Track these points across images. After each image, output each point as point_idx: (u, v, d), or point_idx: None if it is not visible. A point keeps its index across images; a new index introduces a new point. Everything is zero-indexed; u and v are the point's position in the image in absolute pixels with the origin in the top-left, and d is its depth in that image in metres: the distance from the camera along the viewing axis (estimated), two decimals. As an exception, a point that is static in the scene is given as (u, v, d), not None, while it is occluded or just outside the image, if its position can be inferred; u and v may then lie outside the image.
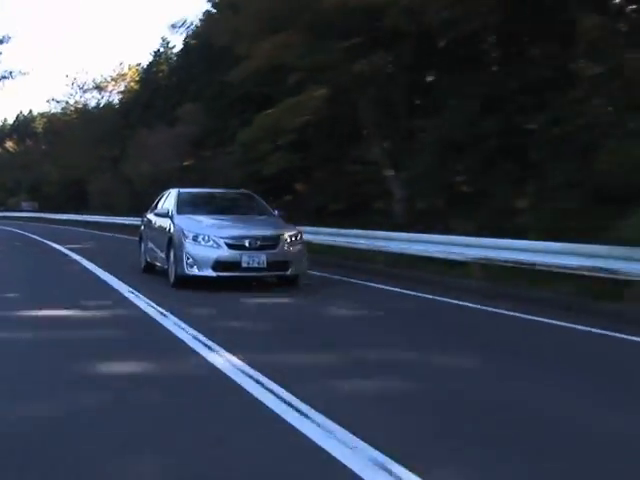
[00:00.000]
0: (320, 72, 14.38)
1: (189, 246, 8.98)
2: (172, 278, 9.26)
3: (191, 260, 8.91)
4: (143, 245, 11.43)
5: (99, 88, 45.53)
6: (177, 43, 38.45)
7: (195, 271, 8.91)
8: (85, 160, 40.31)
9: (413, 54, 12.00)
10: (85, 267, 11.85)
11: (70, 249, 15.94)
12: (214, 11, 19.53)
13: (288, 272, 9.12)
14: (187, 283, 8.98)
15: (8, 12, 60.55)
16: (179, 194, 10.53)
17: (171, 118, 30.56)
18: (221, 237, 8.99)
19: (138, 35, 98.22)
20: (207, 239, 8.99)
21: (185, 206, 10.13)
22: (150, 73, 41.04)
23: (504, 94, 10.76)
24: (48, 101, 57.02)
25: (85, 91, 46.05)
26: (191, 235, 9.06)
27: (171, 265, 9.32)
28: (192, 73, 32.11)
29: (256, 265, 8.86)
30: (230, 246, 8.94)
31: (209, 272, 8.89)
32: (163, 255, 9.81)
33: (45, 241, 19.52)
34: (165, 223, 9.99)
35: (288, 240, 9.23)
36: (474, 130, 11.05)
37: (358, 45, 12.98)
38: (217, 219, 9.81)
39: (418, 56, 12.17)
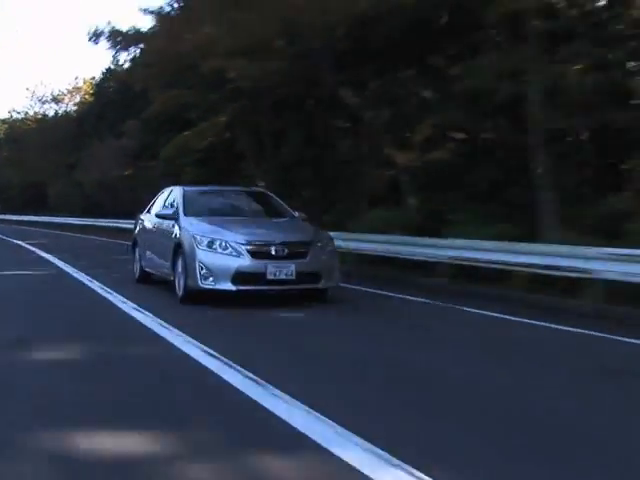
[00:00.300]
0: (210, 111, 19.91)
1: (203, 254, 7.95)
2: (180, 292, 8.30)
3: (206, 271, 7.89)
4: (137, 252, 10.44)
5: (56, 100, 50.69)
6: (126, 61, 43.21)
7: (211, 284, 7.89)
8: (44, 166, 45.32)
9: (262, 102, 17.61)
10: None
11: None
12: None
13: (320, 285, 8.21)
14: (198, 297, 8.07)
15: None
16: (184, 192, 9.47)
17: (119, 131, 35.76)
18: (242, 243, 7.93)
19: (96, 48, 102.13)
20: (225, 246, 7.94)
21: (193, 206, 9.14)
22: (102, 87, 45.97)
23: (318, 133, 16.43)
24: (9, 112, 61.79)
25: (44, 103, 51.31)
26: (205, 241, 8.02)
27: (179, 276, 8.34)
28: (136, 91, 37.27)
29: (283, 277, 7.87)
30: (253, 254, 7.90)
31: (228, 285, 7.87)
32: (167, 264, 8.81)
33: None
34: (169, 226, 8.97)
35: (319, 247, 8.26)
36: (299, 156, 16.71)
37: (230, 93, 18.50)
38: (233, 222, 8.79)
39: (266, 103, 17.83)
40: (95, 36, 19.28)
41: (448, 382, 4.88)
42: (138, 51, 20.26)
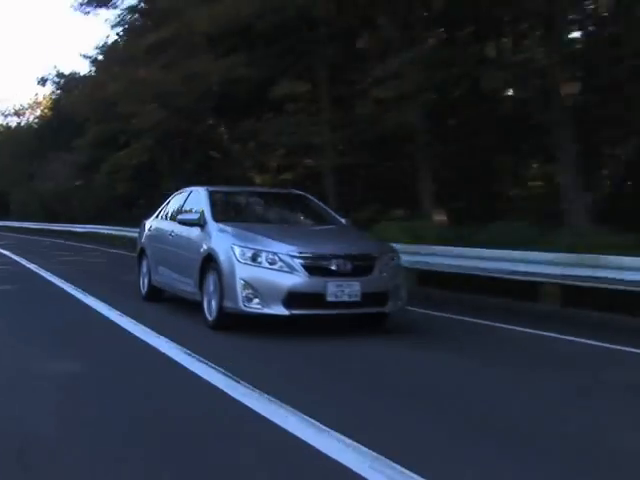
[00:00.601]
0: (134, 137, 25.90)
1: (246, 270, 6.72)
2: (212, 316, 7.12)
3: (250, 291, 6.66)
4: (145, 264, 9.42)
5: (18, 114, 56.34)
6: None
7: (256, 307, 6.67)
8: (7, 174, 50.78)
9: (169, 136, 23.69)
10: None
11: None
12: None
13: (386, 308, 7.14)
14: (235, 323, 6.98)
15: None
16: (210, 194, 8.26)
17: (73, 145, 41.45)
18: (295, 256, 6.69)
19: (54, 64, 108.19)
20: (274, 259, 6.69)
21: (222, 210, 8.11)
22: (59, 103, 51.45)
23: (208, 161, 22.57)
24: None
25: (6, 116, 56.97)
26: (249, 253, 6.77)
27: (209, 296, 7.18)
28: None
29: (346, 298, 6.69)
30: (310, 270, 6.67)
31: (279, 309, 6.62)
32: (191, 281, 7.65)
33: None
34: (193, 235, 7.80)
35: (384, 261, 7.13)
36: (195, 177, 22.79)
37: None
38: (277, 229, 7.68)
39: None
40: (42, 81, 25.19)
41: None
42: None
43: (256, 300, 6.67)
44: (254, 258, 6.76)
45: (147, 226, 9.92)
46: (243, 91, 19.24)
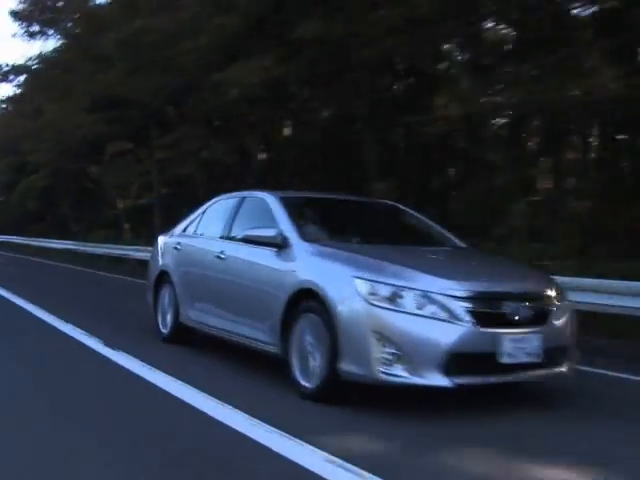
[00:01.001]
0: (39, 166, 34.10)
1: (381, 316, 4.55)
2: (311, 381, 4.94)
3: (391, 350, 4.48)
4: (168, 295, 7.23)
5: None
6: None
7: (401, 374, 4.49)
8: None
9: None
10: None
11: None
12: None
13: (565, 368, 5.03)
14: (347, 393, 4.85)
15: None
16: (284, 202, 5.96)
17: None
18: (457, 297, 4.59)
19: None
20: (422, 301, 4.57)
21: (309, 226, 5.88)
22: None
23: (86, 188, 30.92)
24: None
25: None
26: (385, 291, 4.60)
27: (303, 351, 5.04)
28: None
29: (525, 358, 4.68)
30: (479, 317, 4.57)
31: (435, 378, 4.47)
32: (264, 327, 5.51)
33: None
34: (264, 258, 5.63)
35: (558, 303, 5.09)
36: (79, 200, 31.01)
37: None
38: (402, 254, 5.44)
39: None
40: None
41: None
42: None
43: (401, 365, 4.46)
44: (393, 299, 4.55)
45: (168, 243, 7.65)
46: (104, 141, 27.60)
